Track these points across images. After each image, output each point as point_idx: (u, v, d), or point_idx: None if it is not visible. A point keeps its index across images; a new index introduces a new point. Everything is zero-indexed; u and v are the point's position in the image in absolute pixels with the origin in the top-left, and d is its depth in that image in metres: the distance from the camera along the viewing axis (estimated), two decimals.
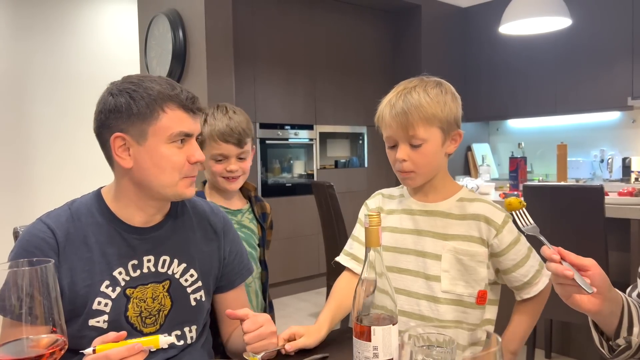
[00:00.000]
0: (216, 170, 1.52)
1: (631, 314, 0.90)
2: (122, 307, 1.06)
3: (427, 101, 1.15)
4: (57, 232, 1.05)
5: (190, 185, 1.10)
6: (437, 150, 1.18)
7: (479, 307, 1.20)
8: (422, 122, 1.15)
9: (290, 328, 1.16)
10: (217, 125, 1.49)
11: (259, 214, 1.63)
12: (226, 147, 1.50)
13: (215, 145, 1.50)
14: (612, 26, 4.21)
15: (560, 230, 2.49)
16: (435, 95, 1.17)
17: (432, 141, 1.17)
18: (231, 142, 1.50)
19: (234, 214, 1.59)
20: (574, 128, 4.81)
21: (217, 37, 3.32)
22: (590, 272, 0.84)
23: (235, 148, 1.51)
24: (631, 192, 2.68)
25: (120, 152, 1.05)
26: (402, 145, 1.18)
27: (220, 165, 1.52)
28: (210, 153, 1.51)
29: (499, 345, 0.54)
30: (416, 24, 4.89)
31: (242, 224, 1.59)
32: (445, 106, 1.17)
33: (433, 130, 1.16)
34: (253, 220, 1.62)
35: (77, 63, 4.82)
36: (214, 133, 1.49)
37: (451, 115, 1.18)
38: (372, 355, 0.88)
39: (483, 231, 1.19)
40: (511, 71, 4.86)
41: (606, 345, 0.93)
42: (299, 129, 4.41)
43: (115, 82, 1.08)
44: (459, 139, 1.22)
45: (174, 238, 1.15)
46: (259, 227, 1.62)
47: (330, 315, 1.22)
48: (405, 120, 1.15)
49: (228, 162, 1.52)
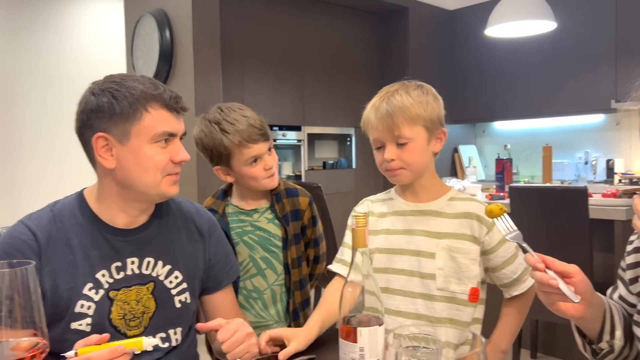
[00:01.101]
0: (258, 174, 1.40)
1: (613, 317, 0.92)
2: (105, 310, 1.05)
3: (410, 102, 1.18)
4: (38, 234, 1.03)
5: (174, 184, 1.09)
6: (423, 148, 1.21)
7: (471, 304, 1.21)
8: (406, 122, 1.17)
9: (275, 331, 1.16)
10: (239, 129, 1.37)
11: (286, 212, 1.48)
12: (257, 147, 1.39)
13: (246, 151, 1.38)
14: (596, 30, 4.27)
15: (545, 231, 2.51)
16: (417, 95, 1.20)
17: (417, 139, 1.19)
18: (260, 140, 1.39)
19: (249, 214, 1.47)
20: (559, 130, 4.86)
21: (204, 38, 3.31)
22: (574, 279, 0.84)
23: (265, 144, 1.41)
24: (615, 193, 2.72)
25: (102, 152, 1.03)
26: (388, 145, 1.20)
27: (258, 166, 1.40)
28: (242, 160, 1.38)
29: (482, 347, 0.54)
30: (404, 26, 4.91)
31: (257, 226, 1.47)
32: (428, 105, 1.20)
33: (418, 128, 1.19)
34: (274, 220, 1.48)
35: (62, 63, 4.77)
36: (242, 137, 1.36)
37: (434, 114, 1.21)
38: (358, 356, 0.88)
39: (475, 229, 1.21)
40: (497, 73, 4.90)
41: (589, 348, 0.94)
42: (287, 130, 4.40)
43: (97, 82, 1.06)
44: (443, 137, 1.25)
45: (158, 239, 1.13)
46: (283, 228, 1.47)
47: (321, 319, 1.22)
48: (390, 121, 1.18)
49: (262, 160, 1.41)
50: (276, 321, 1.47)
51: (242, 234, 1.45)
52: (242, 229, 1.46)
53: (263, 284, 1.46)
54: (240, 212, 1.47)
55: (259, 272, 1.45)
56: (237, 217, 1.47)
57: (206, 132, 1.40)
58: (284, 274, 1.48)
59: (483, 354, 0.53)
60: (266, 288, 1.46)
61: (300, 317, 1.50)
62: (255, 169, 1.40)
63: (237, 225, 1.46)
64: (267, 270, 1.46)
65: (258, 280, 1.45)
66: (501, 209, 0.93)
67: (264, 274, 1.46)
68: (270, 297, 1.47)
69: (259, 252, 1.45)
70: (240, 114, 1.40)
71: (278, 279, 1.47)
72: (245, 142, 1.37)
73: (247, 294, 1.45)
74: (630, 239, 0.99)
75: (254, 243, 1.45)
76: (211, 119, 1.41)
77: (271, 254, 1.47)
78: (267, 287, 1.46)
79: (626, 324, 0.94)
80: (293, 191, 1.52)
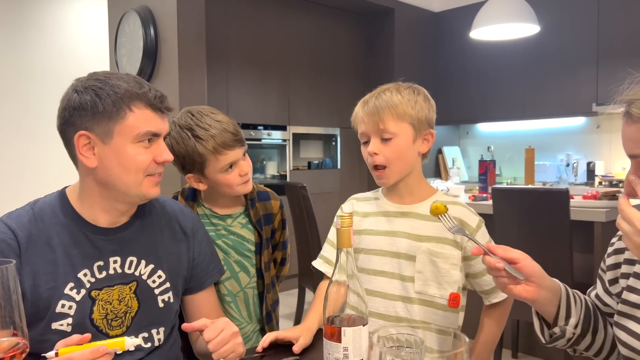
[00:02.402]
0: (233, 181, 1.35)
1: (569, 304, 0.95)
2: (87, 310, 1.04)
3: (399, 98, 1.19)
4: (18, 233, 1.01)
5: (155, 185, 1.08)
6: (408, 146, 1.20)
7: (452, 310, 1.21)
8: (392, 117, 1.18)
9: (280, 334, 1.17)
10: (214, 135, 1.30)
11: (259, 216, 1.45)
12: (233, 154, 1.33)
13: (222, 158, 1.31)
14: (578, 34, 4.34)
15: (526, 232, 2.54)
16: (408, 94, 1.21)
17: (402, 136, 1.19)
18: (236, 146, 1.34)
19: (222, 218, 1.44)
20: (542, 133, 4.93)
21: (189, 35, 3.28)
22: (520, 264, 0.92)
23: (240, 149, 1.35)
24: (595, 195, 2.77)
25: (84, 150, 1.02)
26: (373, 139, 1.20)
27: (233, 173, 1.35)
28: (217, 168, 1.32)
29: (466, 346, 0.54)
30: (389, 27, 4.93)
31: (230, 230, 1.44)
32: (417, 104, 1.20)
33: (403, 125, 1.19)
34: (247, 225, 1.45)
35: (45, 59, 4.69)
36: (217, 143, 1.30)
37: (422, 113, 1.21)
38: (342, 356, 0.88)
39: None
40: (481, 76, 4.95)
41: (547, 332, 0.99)
42: (272, 129, 4.40)
43: (81, 79, 1.04)
44: (431, 139, 1.24)
45: (141, 238, 1.12)
46: (256, 232, 1.45)
47: (318, 314, 1.24)
48: (376, 113, 1.19)
49: (238, 166, 1.35)
50: (248, 323, 1.46)
51: (215, 237, 1.43)
52: (216, 232, 1.43)
53: (236, 286, 1.44)
54: (213, 215, 1.44)
55: (232, 276, 1.44)
56: (208, 221, 1.44)
57: (177, 139, 1.33)
58: (257, 278, 1.47)
59: (467, 353, 0.53)
60: (239, 291, 1.45)
61: (273, 319, 1.50)
62: (230, 175, 1.34)
63: (210, 228, 1.42)
64: (241, 273, 1.45)
65: (231, 283, 1.44)
66: (445, 206, 1.02)
67: (237, 277, 1.44)
68: (243, 300, 1.45)
69: (232, 256, 1.44)
70: (213, 119, 1.33)
71: (250, 281, 1.46)
72: (221, 149, 1.31)
73: (220, 297, 1.43)
74: (612, 241, 1.01)
75: (227, 247, 1.43)
76: (182, 125, 1.33)
77: (244, 258, 1.45)
78: (239, 290, 1.45)
79: (587, 316, 0.98)
80: (264, 194, 1.50)
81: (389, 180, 1.23)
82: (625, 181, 0.87)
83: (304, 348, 1.15)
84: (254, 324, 1.48)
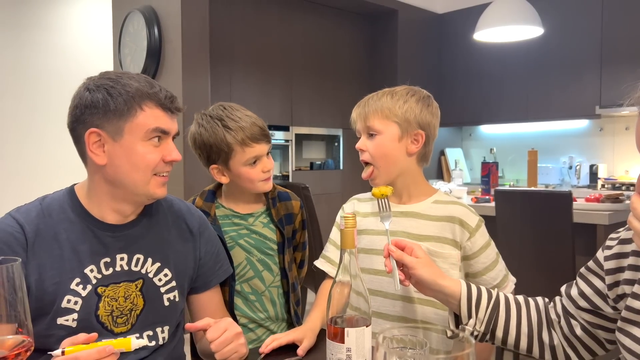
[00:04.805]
0: (255, 176, 1.38)
1: (470, 306, 1.01)
2: (92, 306, 1.04)
3: (388, 99, 1.23)
4: (26, 227, 1.02)
5: (162, 185, 1.08)
6: (392, 144, 1.22)
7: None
8: (378, 116, 1.23)
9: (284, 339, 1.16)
10: (243, 127, 1.34)
11: (280, 215, 1.47)
12: (259, 148, 1.36)
13: (248, 150, 1.35)
14: (582, 37, 4.33)
15: (529, 234, 2.54)
16: (401, 95, 1.23)
17: (387, 134, 1.22)
18: (263, 141, 1.37)
19: (244, 218, 1.45)
20: (544, 135, 4.92)
21: (193, 36, 3.29)
22: (412, 272, 1.02)
23: (266, 145, 1.39)
24: (598, 198, 2.76)
25: (94, 148, 1.03)
26: (362, 137, 1.26)
27: (256, 168, 1.38)
28: (242, 160, 1.36)
29: (472, 348, 0.54)
30: (393, 29, 4.93)
31: (252, 230, 1.44)
32: (406, 104, 1.22)
33: (388, 123, 1.22)
34: (269, 225, 1.46)
35: (49, 59, 4.70)
36: (245, 135, 1.34)
37: (411, 113, 1.22)
38: (345, 357, 0.88)
39: (457, 233, 1.21)
40: (484, 78, 4.95)
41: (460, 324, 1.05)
42: (275, 130, 4.40)
43: (93, 78, 1.06)
44: (421, 139, 1.23)
45: (148, 236, 1.13)
46: (279, 232, 1.46)
47: (321, 314, 1.24)
48: (364, 110, 1.25)
49: (261, 162, 1.38)
50: (274, 321, 1.46)
51: (237, 237, 1.43)
52: (237, 232, 1.44)
53: (261, 286, 1.44)
54: (234, 215, 1.45)
55: (256, 275, 1.44)
56: (230, 221, 1.45)
57: (207, 128, 1.36)
58: (280, 277, 1.47)
59: (473, 355, 0.53)
60: (264, 290, 1.45)
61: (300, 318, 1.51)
62: (253, 170, 1.37)
63: (231, 228, 1.43)
64: (265, 272, 1.45)
65: (255, 282, 1.44)
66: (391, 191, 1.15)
67: (261, 276, 1.44)
68: (269, 299, 1.46)
69: (255, 255, 1.44)
70: (244, 113, 1.38)
71: (274, 280, 1.46)
72: (249, 141, 1.34)
73: (245, 296, 1.43)
74: (608, 244, 1.00)
75: (250, 246, 1.43)
76: (213, 115, 1.37)
77: (267, 257, 1.45)
78: (264, 289, 1.45)
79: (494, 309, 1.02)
80: (285, 195, 1.51)
81: (378, 180, 1.24)
82: (638, 180, 0.85)
83: (307, 350, 1.15)
84: (279, 322, 1.48)
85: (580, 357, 1.04)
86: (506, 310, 1.04)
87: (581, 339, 1.02)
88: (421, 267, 1.01)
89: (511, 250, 2.57)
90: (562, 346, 1.04)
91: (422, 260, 1.03)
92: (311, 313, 1.26)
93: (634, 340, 0.88)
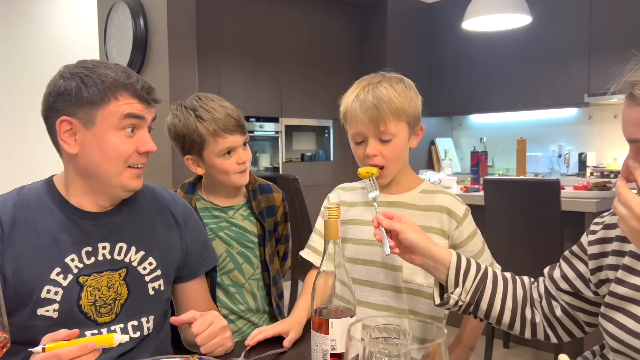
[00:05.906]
0: (229, 168, 1.36)
1: (458, 275, 1.01)
2: (74, 296, 1.03)
3: (396, 95, 1.16)
4: (2, 217, 1.00)
5: (137, 177, 1.06)
6: (404, 145, 1.20)
7: None
8: (392, 117, 1.15)
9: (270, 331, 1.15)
10: (216, 118, 1.33)
11: (261, 208, 1.46)
12: (232, 139, 1.35)
13: (220, 141, 1.33)
14: (570, 25, 4.33)
15: (518, 222, 2.55)
16: (402, 90, 1.18)
17: (400, 136, 1.18)
18: (236, 132, 1.35)
19: (223, 210, 1.44)
20: (534, 124, 4.94)
21: (179, 26, 3.25)
22: (402, 236, 1.01)
23: (240, 137, 1.37)
24: (586, 186, 2.78)
25: (65, 137, 1.01)
26: (371, 140, 1.17)
27: (230, 159, 1.36)
28: (215, 151, 1.34)
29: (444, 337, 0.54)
30: (382, 18, 4.91)
31: (232, 222, 1.44)
32: (412, 101, 1.19)
33: (402, 125, 1.18)
34: (249, 217, 1.45)
35: (34, 50, 4.64)
36: (218, 126, 1.32)
37: (416, 110, 1.20)
38: (329, 347, 0.88)
39: (444, 223, 1.21)
40: (474, 67, 4.95)
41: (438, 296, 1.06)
42: (265, 121, 4.38)
43: (69, 66, 1.04)
44: (420, 133, 1.24)
45: (131, 224, 1.11)
46: (259, 224, 1.45)
47: (307, 305, 1.22)
48: (377, 114, 1.14)
49: (236, 154, 1.37)
50: (254, 313, 1.47)
51: (217, 229, 1.42)
52: (217, 224, 1.43)
53: (240, 278, 1.44)
54: (214, 207, 1.44)
55: (236, 267, 1.44)
56: (209, 213, 1.44)
57: (180, 118, 1.36)
58: (261, 270, 1.47)
59: (445, 344, 0.53)
60: (244, 282, 1.45)
61: (283, 310, 1.51)
62: (228, 161, 1.36)
63: (211, 221, 1.43)
64: (245, 264, 1.45)
65: (235, 275, 1.44)
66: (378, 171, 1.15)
67: (241, 269, 1.44)
68: (249, 291, 1.46)
69: (235, 247, 1.44)
70: (219, 104, 1.36)
71: (254, 273, 1.46)
72: (221, 132, 1.33)
73: (225, 288, 1.43)
74: (593, 229, 1.00)
75: (230, 239, 1.43)
76: (187, 105, 1.37)
77: (247, 250, 1.45)
78: (244, 282, 1.45)
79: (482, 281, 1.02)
80: (266, 187, 1.50)
81: (386, 180, 1.22)
82: (624, 165, 0.85)
83: (294, 342, 1.15)
84: (260, 314, 1.48)
85: (558, 338, 1.05)
86: (493, 284, 1.04)
87: (560, 320, 1.02)
88: (411, 231, 1.01)
89: (500, 238, 2.58)
90: (542, 325, 1.05)
91: (412, 225, 1.03)
92: (297, 304, 1.25)
93: (617, 326, 0.88)
